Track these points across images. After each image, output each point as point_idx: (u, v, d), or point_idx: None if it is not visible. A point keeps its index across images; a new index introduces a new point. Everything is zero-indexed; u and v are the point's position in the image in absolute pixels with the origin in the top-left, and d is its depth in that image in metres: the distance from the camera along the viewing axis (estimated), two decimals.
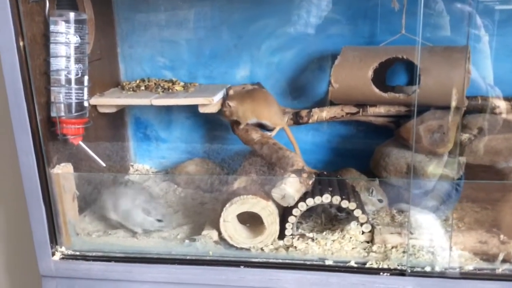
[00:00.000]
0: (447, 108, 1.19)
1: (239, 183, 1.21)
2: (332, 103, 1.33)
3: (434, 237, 1.08)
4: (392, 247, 1.07)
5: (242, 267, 1.08)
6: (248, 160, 1.35)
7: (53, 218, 1.15)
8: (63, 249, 1.17)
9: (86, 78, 1.14)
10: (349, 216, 1.21)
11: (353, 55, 1.27)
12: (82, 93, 1.13)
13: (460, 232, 1.08)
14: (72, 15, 1.08)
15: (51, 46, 1.08)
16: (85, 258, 1.16)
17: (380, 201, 1.21)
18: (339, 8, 1.34)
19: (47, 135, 1.11)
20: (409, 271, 1.02)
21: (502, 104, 1.28)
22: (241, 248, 1.11)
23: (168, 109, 1.51)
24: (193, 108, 1.41)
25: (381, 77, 1.34)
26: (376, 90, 1.24)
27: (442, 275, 1.02)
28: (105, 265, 1.14)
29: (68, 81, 1.11)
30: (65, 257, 1.16)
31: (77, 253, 1.17)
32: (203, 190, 1.40)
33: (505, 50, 1.30)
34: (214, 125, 1.51)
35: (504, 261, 1.02)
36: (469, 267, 1.02)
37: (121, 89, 1.41)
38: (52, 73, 1.09)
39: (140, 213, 1.17)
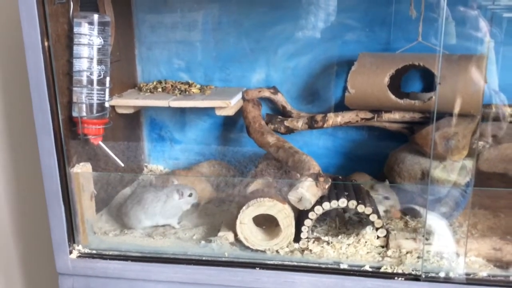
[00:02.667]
0: (462, 115, 1.21)
1: (255, 186, 1.23)
2: (347, 108, 1.35)
3: (449, 243, 1.09)
4: (407, 252, 1.08)
5: (258, 269, 1.10)
6: (262, 163, 1.37)
7: (71, 216, 1.16)
8: (80, 247, 1.19)
9: (107, 79, 1.15)
10: (362, 220, 1.22)
11: (370, 61, 1.28)
12: (104, 94, 1.15)
13: (474, 239, 1.09)
14: (95, 17, 1.10)
15: (75, 47, 1.10)
16: (101, 256, 1.17)
17: (386, 198, 1.21)
18: (357, 15, 1.35)
19: (68, 135, 1.13)
20: (424, 276, 1.03)
21: None
22: (257, 250, 1.13)
23: (182, 110, 1.53)
24: (207, 110, 1.43)
25: (396, 84, 1.35)
26: (392, 97, 1.25)
27: (456, 281, 1.03)
28: (122, 264, 1.15)
29: (90, 82, 1.12)
30: (82, 256, 1.18)
31: (94, 251, 1.18)
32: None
33: None
34: (229, 127, 1.52)
35: None
36: (483, 274, 1.03)
37: (138, 90, 1.43)
38: (74, 74, 1.11)
39: (176, 195, 1.23)
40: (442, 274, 1.04)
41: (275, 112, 1.47)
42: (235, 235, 1.14)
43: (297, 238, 1.13)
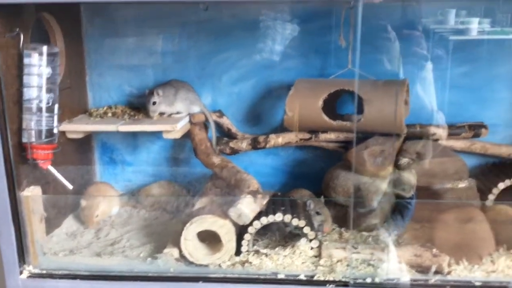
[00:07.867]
0: (389, 135, 1.33)
1: (200, 204, 1.30)
2: (287, 130, 1.45)
3: (375, 251, 1.19)
4: (338, 261, 1.18)
5: (201, 282, 1.16)
6: (209, 183, 1.45)
7: (22, 238, 1.20)
8: (30, 267, 1.22)
9: (56, 106, 1.21)
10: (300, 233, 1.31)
11: (306, 86, 1.40)
12: (52, 120, 1.21)
13: (398, 247, 1.19)
14: (45, 48, 1.16)
15: (24, 77, 1.16)
16: (51, 276, 1.21)
17: (318, 213, 1.31)
18: (294, 44, 1.47)
19: (18, 160, 1.18)
20: (352, 282, 1.13)
21: (439, 131, 1.42)
22: (200, 265, 1.19)
23: (133, 134, 1.59)
24: (157, 134, 1.50)
25: (332, 107, 1.47)
26: (326, 118, 1.36)
27: (381, 286, 1.13)
28: (71, 283, 1.19)
29: (39, 109, 1.18)
30: (32, 276, 1.21)
31: (44, 271, 1.22)
32: (167, 212, 1.47)
33: (444, 82, 1.45)
34: (178, 150, 1.60)
35: (436, 272, 1.14)
36: (406, 279, 1.13)
37: (88, 115, 1.49)
38: (24, 102, 1.17)
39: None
40: (368, 280, 1.13)
41: (221, 134, 1.56)
42: (180, 251, 1.20)
43: (238, 252, 1.21)
